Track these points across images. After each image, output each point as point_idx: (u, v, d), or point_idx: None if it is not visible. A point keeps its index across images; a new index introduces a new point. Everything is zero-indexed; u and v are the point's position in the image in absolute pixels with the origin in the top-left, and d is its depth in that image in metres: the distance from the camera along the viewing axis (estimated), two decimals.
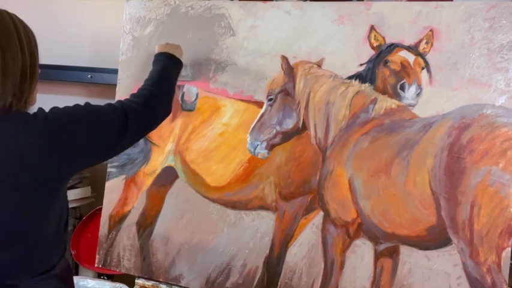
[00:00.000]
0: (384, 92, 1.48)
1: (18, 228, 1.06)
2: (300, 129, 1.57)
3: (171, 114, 1.71)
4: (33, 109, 1.10)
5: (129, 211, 1.77)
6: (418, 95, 1.44)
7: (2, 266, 1.06)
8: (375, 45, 1.49)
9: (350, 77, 1.51)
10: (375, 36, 1.49)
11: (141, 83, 1.81)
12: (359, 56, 1.51)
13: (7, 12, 1.06)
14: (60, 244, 1.17)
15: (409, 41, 1.46)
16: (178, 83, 1.72)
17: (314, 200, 1.53)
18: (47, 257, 1.14)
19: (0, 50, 1.00)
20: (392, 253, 1.42)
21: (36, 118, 1.04)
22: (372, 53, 1.49)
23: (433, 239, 1.37)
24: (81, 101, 2.64)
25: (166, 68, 1.44)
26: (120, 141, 1.17)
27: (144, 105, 1.24)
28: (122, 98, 1.27)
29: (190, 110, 1.72)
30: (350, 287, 1.46)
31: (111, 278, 2.06)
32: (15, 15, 1.08)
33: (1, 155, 1.00)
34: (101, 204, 1.84)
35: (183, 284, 1.66)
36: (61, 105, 1.10)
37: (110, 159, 1.80)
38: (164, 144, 1.75)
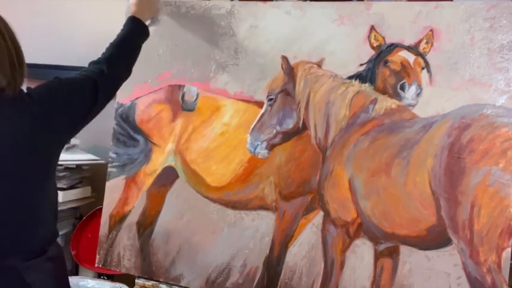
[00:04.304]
0: (384, 92, 1.47)
1: (17, 207, 1.15)
2: (300, 129, 1.57)
3: (171, 114, 1.74)
4: None
5: (130, 211, 1.77)
6: (418, 95, 1.44)
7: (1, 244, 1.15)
8: (375, 45, 1.49)
9: (350, 77, 1.51)
10: (375, 36, 1.49)
11: (141, 83, 1.83)
12: (359, 56, 1.50)
13: None
14: (52, 228, 1.27)
15: (409, 41, 1.46)
16: (179, 83, 1.74)
17: (314, 200, 1.53)
18: (41, 238, 1.21)
19: None
20: (393, 253, 1.42)
21: (22, 98, 1.15)
22: (372, 53, 1.49)
23: (433, 239, 1.37)
24: None
25: (129, 34, 1.50)
26: (96, 103, 1.30)
27: (107, 69, 1.35)
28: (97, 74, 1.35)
29: (191, 110, 1.72)
30: (350, 287, 1.45)
31: (111, 278, 2.06)
32: None
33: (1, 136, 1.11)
34: (101, 204, 1.84)
35: (183, 284, 1.66)
36: None
37: (110, 160, 1.80)
38: (164, 144, 1.75)
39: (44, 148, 1.18)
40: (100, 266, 1.79)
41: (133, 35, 1.51)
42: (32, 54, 2.30)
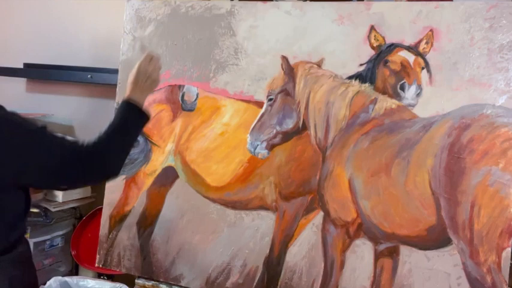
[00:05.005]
0: (383, 92, 1.48)
1: None
2: (300, 129, 1.57)
3: (171, 114, 1.75)
4: None
5: (130, 211, 1.77)
6: (418, 95, 1.44)
7: None
8: (375, 45, 1.49)
9: (350, 77, 1.51)
10: (375, 36, 1.49)
11: None
12: (359, 56, 1.51)
13: None
14: (18, 226, 1.21)
15: (409, 41, 1.46)
16: (179, 83, 1.74)
17: (314, 200, 1.53)
18: (5, 235, 1.17)
19: None
20: (393, 253, 1.42)
21: None
22: (372, 53, 1.49)
23: (433, 239, 1.37)
24: (81, 101, 2.64)
25: (122, 125, 1.25)
26: (54, 179, 1.15)
27: (90, 165, 1.17)
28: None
29: (191, 110, 1.72)
30: (350, 287, 1.46)
31: (111, 278, 2.06)
32: None
33: None
34: (101, 204, 1.84)
35: (183, 284, 1.66)
36: (61, 105, 1.11)
37: None
38: (164, 144, 1.75)
39: None
40: (100, 266, 1.79)
41: (128, 125, 1.26)
42: (32, 54, 2.31)
